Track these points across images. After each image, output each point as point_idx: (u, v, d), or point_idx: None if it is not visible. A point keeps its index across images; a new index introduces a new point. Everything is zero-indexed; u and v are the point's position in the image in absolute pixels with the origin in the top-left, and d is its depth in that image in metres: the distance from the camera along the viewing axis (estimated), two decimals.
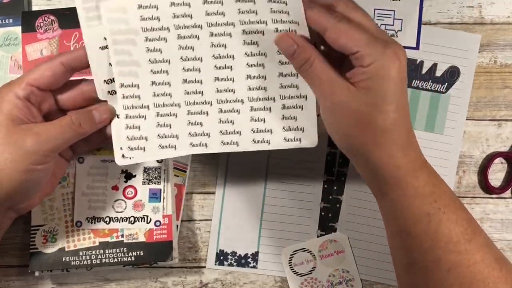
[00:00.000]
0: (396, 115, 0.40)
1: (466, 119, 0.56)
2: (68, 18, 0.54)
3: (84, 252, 0.52)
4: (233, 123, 0.46)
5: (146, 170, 0.53)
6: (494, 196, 0.57)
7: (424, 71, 0.56)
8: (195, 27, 0.44)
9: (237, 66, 0.45)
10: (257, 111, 0.46)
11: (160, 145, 0.47)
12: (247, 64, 0.45)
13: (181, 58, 0.45)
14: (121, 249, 0.53)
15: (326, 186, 0.56)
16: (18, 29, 0.55)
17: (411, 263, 0.42)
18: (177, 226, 0.55)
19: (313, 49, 0.42)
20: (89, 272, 0.55)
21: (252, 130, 0.46)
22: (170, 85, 0.46)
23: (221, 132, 0.46)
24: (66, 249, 0.52)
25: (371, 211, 0.56)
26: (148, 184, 0.53)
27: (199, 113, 0.46)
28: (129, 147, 0.47)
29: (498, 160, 0.57)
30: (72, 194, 0.53)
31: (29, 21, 0.55)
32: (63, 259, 0.52)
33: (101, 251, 0.52)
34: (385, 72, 0.39)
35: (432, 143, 0.56)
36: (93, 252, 0.52)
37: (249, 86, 0.45)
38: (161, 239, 0.53)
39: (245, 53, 0.45)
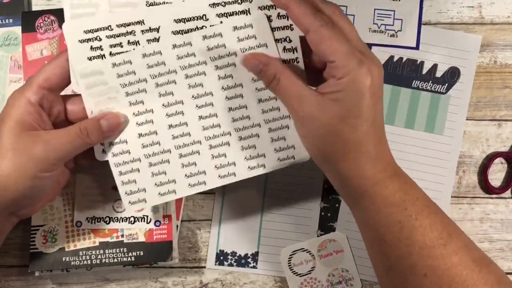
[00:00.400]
0: (364, 128, 0.41)
1: (466, 119, 0.56)
2: None
3: (84, 252, 0.52)
4: (225, 156, 0.47)
5: None
6: (494, 196, 0.57)
7: (424, 71, 0.56)
8: (170, 73, 0.46)
9: (217, 102, 0.46)
10: (246, 139, 0.47)
11: (159, 193, 0.47)
12: (226, 98, 0.46)
13: (163, 105, 0.46)
14: (121, 249, 0.53)
15: (325, 186, 0.56)
16: (18, 29, 0.55)
17: (389, 268, 0.42)
18: (177, 226, 0.55)
19: (279, 65, 0.44)
20: (89, 272, 0.55)
21: (245, 158, 0.47)
22: (156, 133, 0.47)
23: (216, 166, 0.47)
24: (66, 249, 0.52)
25: None
26: None
27: (191, 154, 0.47)
28: (130, 202, 0.47)
29: (498, 160, 0.57)
30: (72, 194, 0.53)
31: (29, 21, 0.55)
32: (63, 259, 0.52)
33: (101, 251, 0.52)
34: (355, 87, 0.40)
35: (432, 144, 0.56)
36: (93, 252, 0.52)
37: (232, 117, 0.47)
38: (161, 239, 0.53)
39: (222, 87, 0.46)
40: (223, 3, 0.46)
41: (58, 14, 0.55)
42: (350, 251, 0.56)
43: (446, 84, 0.56)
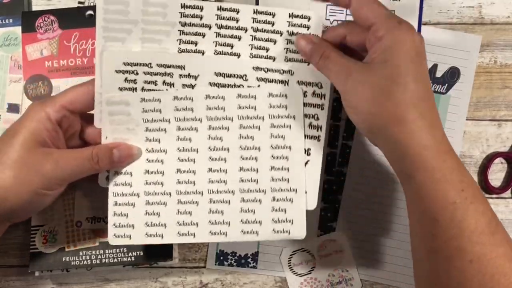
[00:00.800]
0: (415, 87, 0.40)
1: (466, 119, 0.56)
2: (68, 18, 0.54)
3: (84, 252, 0.52)
4: (222, 213, 0.47)
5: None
6: (494, 196, 0.57)
7: None
8: (195, 120, 0.47)
9: (230, 159, 0.47)
10: (248, 202, 0.47)
11: (146, 233, 0.47)
12: (241, 157, 0.47)
13: (178, 148, 0.47)
14: (121, 249, 0.53)
15: (326, 185, 0.56)
16: (18, 29, 0.55)
17: (434, 250, 0.41)
18: None
19: (328, 44, 0.45)
20: (89, 272, 0.55)
21: (241, 221, 0.47)
22: (163, 174, 0.47)
23: (210, 222, 0.47)
24: (66, 249, 0.52)
25: (370, 211, 0.56)
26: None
27: (190, 203, 0.47)
28: (114, 235, 0.47)
29: (498, 160, 0.57)
30: (72, 194, 0.53)
31: (29, 21, 0.55)
32: (63, 259, 0.52)
33: (101, 251, 0.52)
34: (399, 45, 0.40)
35: None
36: (93, 252, 0.52)
37: (241, 178, 0.47)
38: None
39: (240, 146, 0.47)
40: (265, 69, 0.47)
41: (58, 14, 0.55)
42: (350, 251, 0.56)
43: (446, 84, 0.56)
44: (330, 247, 0.56)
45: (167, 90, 0.46)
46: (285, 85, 0.47)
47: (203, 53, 0.47)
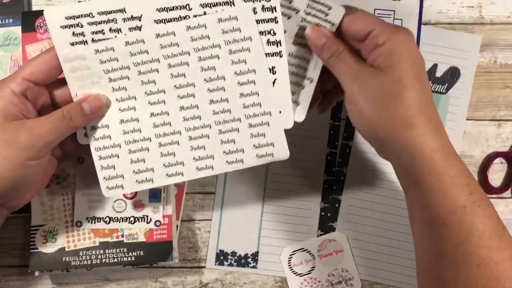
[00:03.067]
0: (422, 91, 0.40)
1: (466, 119, 0.56)
2: None
3: (84, 252, 0.52)
4: (204, 148, 0.47)
5: None
6: (494, 196, 0.57)
7: None
8: (153, 62, 0.46)
9: (198, 93, 0.46)
10: (226, 133, 0.47)
11: (137, 181, 0.47)
12: (208, 90, 0.46)
13: (145, 93, 0.47)
14: (121, 249, 0.53)
15: (326, 186, 0.56)
16: (18, 29, 0.55)
17: (440, 255, 0.40)
18: (177, 226, 0.55)
19: (341, 42, 0.44)
20: (89, 272, 0.55)
21: (224, 152, 0.47)
22: (138, 120, 0.47)
23: (194, 158, 0.47)
24: (66, 249, 0.52)
25: (370, 211, 0.56)
26: None
27: (170, 144, 0.47)
28: (107, 187, 0.47)
29: (498, 160, 0.57)
30: (72, 194, 0.53)
31: (29, 21, 0.55)
32: (63, 259, 0.52)
33: (101, 251, 0.52)
34: (402, 50, 0.40)
35: None
36: (93, 252, 0.52)
37: (213, 110, 0.46)
38: (161, 239, 0.53)
39: (204, 79, 0.46)
40: None
41: None
42: (350, 251, 0.56)
43: (446, 84, 0.56)
44: (330, 247, 0.56)
45: (115, 37, 0.46)
46: (231, 5, 0.46)
47: None
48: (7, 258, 0.56)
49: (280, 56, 0.46)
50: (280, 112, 0.46)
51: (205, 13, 0.46)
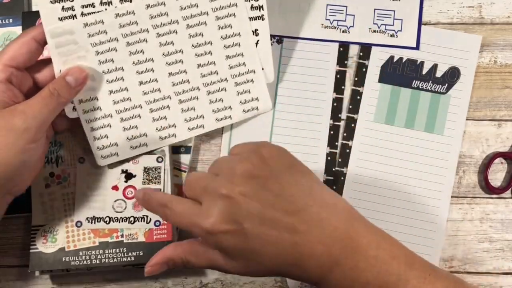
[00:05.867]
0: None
1: (466, 119, 0.56)
2: None
3: (84, 252, 0.52)
4: (194, 110, 0.50)
5: (146, 170, 0.53)
6: (494, 196, 0.57)
7: (424, 71, 0.56)
8: (142, 32, 0.48)
9: (186, 59, 0.49)
10: (214, 93, 0.50)
11: (131, 147, 0.50)
12: (196, 55, 0.49)
13: (133, 62, 0.48)
14: (121, 249, 0.53)
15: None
16: (18, 29, 0.55)
17: None
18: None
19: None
20: (89, 272, 0.55)
21: (213, 111, 0.50)
22: (127, 90, 0.49)
23: (185, 120, 0.50)
24: (66, 249, 0.52)
25: (370, 211, 0.56)
26: (148, 184, 0.53)
27: (161, 108, 0.50)
28: (102, 156, 0.50)
29: (498, 160, 0.57)
30: (72, 194, 0.53)
31: (29, 21, 0.55)
32: (63, 259, 0.52)
33: (101, 251, 0.52)
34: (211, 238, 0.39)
35: (432, 144, 0.56)
36: (93, 252, 0.52)
37: (201, 73, 0.49)
38: (161, 239, 0.53)
39: (192, 45, 0.49)
40: None
41: None
42: None
43: (446, 84, 0.56)
44: None
45: (106, 10, 0.47)
46: None
47: None
48: (7, 258, 0.56)
49: (263, 20, 0.50)
50: (262, 69, 0.51)
51: None
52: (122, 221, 0.53)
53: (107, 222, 0.53)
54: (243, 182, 0.38)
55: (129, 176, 0.53)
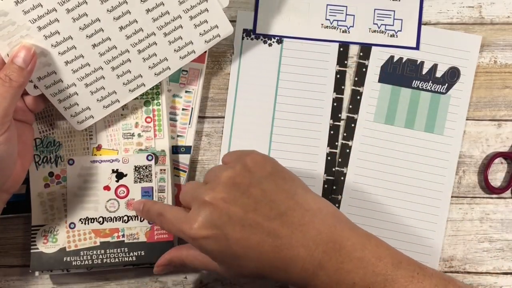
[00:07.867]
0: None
1: (466, 119, 0.56)
2: None
3: (85, 252, 0.52)
4: (156, 55, 0.50)
5: (137, 168, 0.53)
6: (494, 196, 0.57)
7: (424, 71, 0.56)
8: None
9: (133, 8, 0.48)
10: (171, 33, 0.49)
11: (104, 106, 0.50)
12: (141, 1, 0.48)
13: (80, 28, 0.47)
14: (122, 249, 0.53)
15: (326, 186, 0.56)
16: None
17: None
18: None
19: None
20: (89, 272, 0.55)
21: (175, 50, 0.50)
22: (83, 56, 0.48)
23: (149, 67, 0.50)
24: (67, 249, 0.52)
25: (370, 211, 0.56)
26: (140, 182, 0.53)
27: (123, 64, 0.49)
28: (78, 122, 0.50)
29: (498, 160, 0.57)
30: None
31: None
32: (64, 259, 0.52)
33: (102, 251, 0.52)
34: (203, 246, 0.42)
35: (432, 144, 0.56)
36: (94, 252, 0.52)
37: (152, 18, 0.48)
38: (162, 239, 0.53)
39: None
40: None
41: None
42: None
43: (446, 84, 0.56)
44: None
45: None
46: None
47: None
48: (7, 258, 0.56)
49: None
50: None
51: None
52: (116, 221, 0.53)
53: (101, 223, 0.53)
54: (225, 189, 0.41)
55: (120, 175, 0.53)
